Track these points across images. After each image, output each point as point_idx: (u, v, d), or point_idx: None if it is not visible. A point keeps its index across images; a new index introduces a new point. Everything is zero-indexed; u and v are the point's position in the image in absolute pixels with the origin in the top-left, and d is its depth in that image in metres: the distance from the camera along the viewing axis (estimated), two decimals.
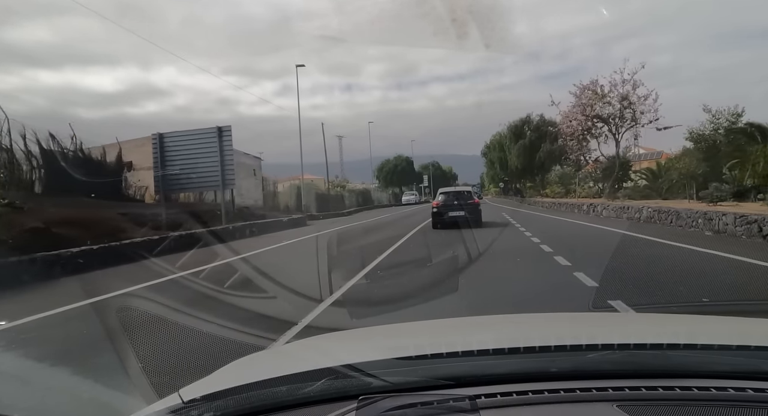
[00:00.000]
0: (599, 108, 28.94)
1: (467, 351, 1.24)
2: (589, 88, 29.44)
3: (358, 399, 1.03)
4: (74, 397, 2.92)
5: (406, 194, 63.52)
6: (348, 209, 39.54)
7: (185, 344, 3.96)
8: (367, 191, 58.31)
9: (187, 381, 1.36)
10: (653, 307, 4.88)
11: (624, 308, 4.67)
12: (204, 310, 5.12)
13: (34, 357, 4.08)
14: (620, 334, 1.48)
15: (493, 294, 5.93)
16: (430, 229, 15.80)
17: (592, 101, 29.27)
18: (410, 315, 4.39)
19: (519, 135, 45.26)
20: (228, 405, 1.09)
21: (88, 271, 8.91)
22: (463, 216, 15.11)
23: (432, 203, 17.55)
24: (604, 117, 29.16)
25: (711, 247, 9.11)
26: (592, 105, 29.12)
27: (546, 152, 41.09)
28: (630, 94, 28.03)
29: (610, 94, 28.67)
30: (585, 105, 29.50)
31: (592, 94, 29.16)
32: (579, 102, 29.92)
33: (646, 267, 7.27)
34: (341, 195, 45.21)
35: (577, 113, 30.02)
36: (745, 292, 5.59)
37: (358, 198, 48.85)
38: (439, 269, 8.05)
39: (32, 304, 6.24)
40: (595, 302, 5.03)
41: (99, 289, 6.98)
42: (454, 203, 15.81)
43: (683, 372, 1.12)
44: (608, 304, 4.83)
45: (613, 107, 28.64)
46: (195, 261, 9.28)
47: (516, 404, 1.03)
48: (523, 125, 45.71)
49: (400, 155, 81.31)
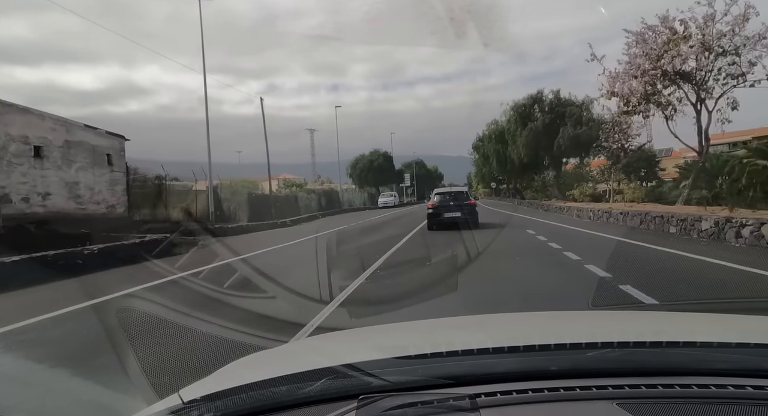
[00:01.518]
0: (677, 60, 16.92)
1: (467, 350, 1.25)
2: (662, 27, 17.50)
3: (358, 399, 1.03)
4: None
5: (383, 195, 53.62)
6: (301, 215, 28.85)
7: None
8: (333, 191, 46.96)
9: (184, 381, 1.36)
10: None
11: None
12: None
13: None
14: (620, 332, 1.48)
15: None
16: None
17: (667, 47, 17.09)
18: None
19: (526, 118, 35.11)
20: (228, 405, 1.09)
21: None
22: (459, 217, 15.07)
23: (427, 204, 17.36)
24: (689, 72, 17.31)
25: None
26: (666, 52, 17.07)
27: (569, 138, 31.16)
28: (736, 29, 16.04)
29: (700, 33, 16.59)
30: (651, 54, 17.56)
31: (670, 33, 17.28)
32: (644, 49, 17.79)
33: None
34: (294, 197, 35.44)
35: (642, 61, 17.81)
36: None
37: (320, 200, 38.91)
38: None
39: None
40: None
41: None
42: (450, 204, 15.75)
43: (683, 370, 1.12)
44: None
45: (701, 57, 16.75)
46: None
47: (516, 402, 1.03)
48: (532, 104, 35.63)
49: (376, 150, 68.48)
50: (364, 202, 53.40)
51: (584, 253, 8.94)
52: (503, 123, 39.71)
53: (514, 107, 36.39)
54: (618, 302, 5.18)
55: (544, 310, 4.06)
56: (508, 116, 37.86)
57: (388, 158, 69.26)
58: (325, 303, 5.50)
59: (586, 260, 8.02)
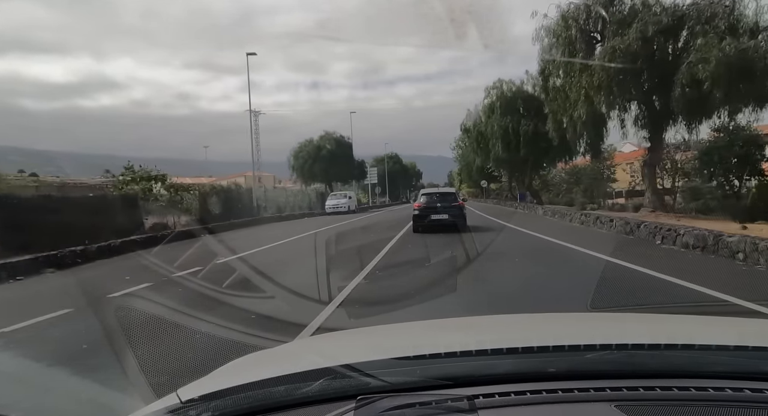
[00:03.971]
0: None
1: (465, 351, 1.25)
2: None
3: (356, 399, 1.03)
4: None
5: (332, 196, 36.99)
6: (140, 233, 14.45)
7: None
8: (233, 189, 26.96)
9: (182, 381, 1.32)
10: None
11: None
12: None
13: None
14: (618, 334, 1.49)
15: None
16: None
17: None
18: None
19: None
20: (226, 405, 1.09)
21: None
22: (446, 220, 14.70)
23: (413, 205, 16.70)
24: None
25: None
26: None
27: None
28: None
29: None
30: None
31: None
32: None
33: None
34: (134, 197, 17.55)
35: None
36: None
37: (206, 203, 21.63)
38: None
39: None
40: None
41: None
42: (437, 206, 15.25)
43: (681, 372, 1.13)
44: None
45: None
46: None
47: (514, 404, 1.03)
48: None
49: (327, 133, 49.19)
50: (310, 204, 37.01)
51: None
52: (526, 79, 27.05)
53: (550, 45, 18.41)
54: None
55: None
56: (531, 76, 24.30)
57: (343, 145, 49.16)
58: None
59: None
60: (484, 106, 30.91)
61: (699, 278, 6.55)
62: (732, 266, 7.88)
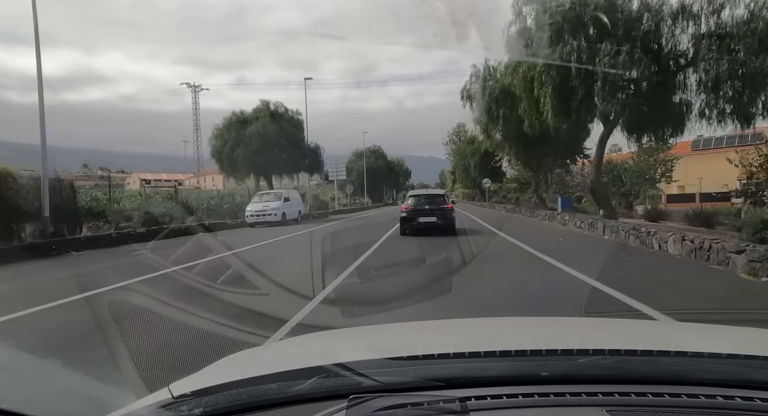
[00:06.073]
0: None
1: (459, 353, 1.25)
2: None
3: (348, 399, 1.03)
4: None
5: (257, 197, 23.62)
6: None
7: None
8: (66, 186, 14.79)
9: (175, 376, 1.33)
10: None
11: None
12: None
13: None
14: (611, 340, 1.49)
15: None
16: None
17: None
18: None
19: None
20: (218, 401, 1.09)
21: None
22: (434, 222, 14.45)
23: (401, 207, 16.25)
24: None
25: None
26: None
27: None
28: None
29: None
30: None
31: None
32: None
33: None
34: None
35: None
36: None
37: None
38: None
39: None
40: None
41: None
42: (425, 208, 14.88)
43: (673, 379, 1.13)
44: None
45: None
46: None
47: (506, 407, 1.03)
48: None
49: (265, 103, 32.80)
50: (234, 211, 24.27)
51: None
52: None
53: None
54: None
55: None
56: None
57: (292, 122, 33.07)
58: None
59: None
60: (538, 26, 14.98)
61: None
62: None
